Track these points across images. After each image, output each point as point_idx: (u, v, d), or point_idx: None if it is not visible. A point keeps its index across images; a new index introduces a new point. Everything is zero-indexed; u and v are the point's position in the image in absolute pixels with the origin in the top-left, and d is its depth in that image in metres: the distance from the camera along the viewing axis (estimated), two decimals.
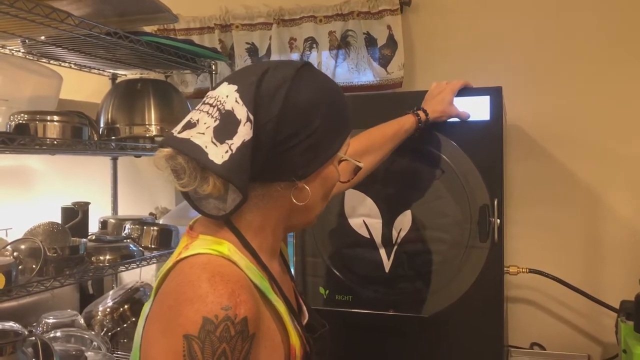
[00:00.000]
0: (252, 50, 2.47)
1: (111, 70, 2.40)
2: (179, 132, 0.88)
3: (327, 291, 1.85)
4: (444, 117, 1.69)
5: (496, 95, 1.71)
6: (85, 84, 2.44)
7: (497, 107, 1.70)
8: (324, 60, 2.35)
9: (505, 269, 1.86)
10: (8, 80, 1.80)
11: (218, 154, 0.84)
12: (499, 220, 1.68)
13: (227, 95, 0.88)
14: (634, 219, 2.09)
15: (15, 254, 1.56)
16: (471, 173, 1.71)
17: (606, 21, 2.12)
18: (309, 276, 1.88)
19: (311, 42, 2.37)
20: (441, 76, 2.25)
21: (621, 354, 1.73)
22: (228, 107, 0.87)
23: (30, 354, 1.45)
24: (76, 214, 2.06)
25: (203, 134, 0.86)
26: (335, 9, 2.32)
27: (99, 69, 2.35)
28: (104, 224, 2.24)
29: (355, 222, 1.81)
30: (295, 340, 0.92)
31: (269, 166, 0.89)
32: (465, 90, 1.75)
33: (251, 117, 0.86)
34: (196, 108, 0.91)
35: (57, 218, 2.13)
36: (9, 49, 1.95)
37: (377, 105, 1.87)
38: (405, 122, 1.58)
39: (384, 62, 2.28)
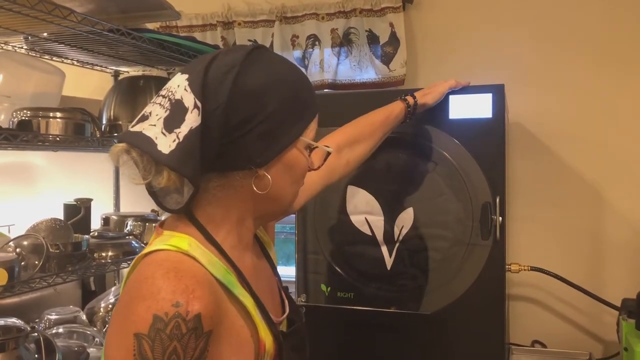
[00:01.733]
0: None
1: (114, 67, 2.40)
2: (133, 126, 0.87)
3: (329, 288, 1.85)
4: (434, 96, 1.64)
5: (498, 92, 1.71)
6: (87, 81, 2.45)
7: (499, 105, 1.70)
8: (326, 57, 2.35)
9: (507, 266, 1.86)
10: (11, 76, 1.80)
11: (166, 144, 0.82)
12: (500, 218, 1.68)
13: (179, 84, 0.86)
14: (636, 217, 2.09)
15: (17, 250, 1.56)
16: (473, 170, 1.71)
17: (609, 19, 2.11)
18: (311, 273, 1.88)
19: (313, 40, 2.37)
20: (443, 73, 2.26)
21: (622, 352, 1.73)
22: (177, 96, 0.85)
23: (32, 349, 1.46)
24: (78, 211, 2.06)
25: (154, 125, 0.84)
26: (338, 6, 2.32)
27: (101, 66, 2.35)
28: (106, 220, 2.24)
29: (357, 219, 1.81)
30: (264, 334, 0.89)
31: (224, 155, 0.86)
32: (467, 88, 1.75)
33: (199, 104, 0.83)
34: (151, 101, 0.89)
35: (60, 214, 2.14)
36: (11, 46, 1.95)
37: (379, 103, 1.87)
38: (395, 108, 1.55)
39: (386, 59, 2.28)
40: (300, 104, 0.92)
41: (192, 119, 0.82)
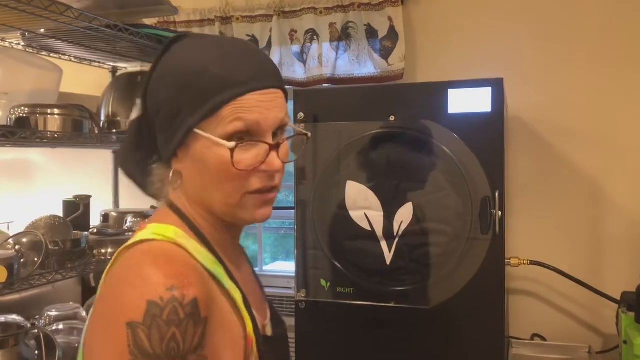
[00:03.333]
0: (253, 42, 2.46)
1: (111, 63, 2.39)
2: None
3: (329, 283, 1.85)
4: None
5: (498, 86, 1.71)
6: (85, 77, 2.44)
7: (498, 99, 1.70)
8: (324, 52, 2.34)
9: (507, 260, 1.86)
10: (8, 73, 1.79)
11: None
12: (500, 212, 1.68)
13: None
14: (635, 211, 2.09)
15: (17, 247, 1.56)
16: (472, 165, 1.71)
17: (610, 13, 2.11)
18: (311, 268, 1.88)
19: (312, 34, 2.36)
20: (442, 67, 2.26)
21: (621, 344, 1.74)
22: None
23: (33, 346, 1.46)
24: (77, 208, 2.06)
25: None
26: (336, 0, 2.31)
27: (99, 62, 2.34)
28: (105, 217, 2.24)
29: (357, 215, 1.81)
30: (251, 331, 0.83)
31: (156, 146, 0.85)
32: (466, 82, 1.75)
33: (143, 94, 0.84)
34: None
35: (59, 211, 2.13)
36: (8, 42, 1.94)
37: (378, 98, 1.87)
38: None
39: (385, 53, 2.27)
40: (198, 93, 0.78)
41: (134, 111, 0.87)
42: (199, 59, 0.80)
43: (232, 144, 0.77)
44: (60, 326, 1.77)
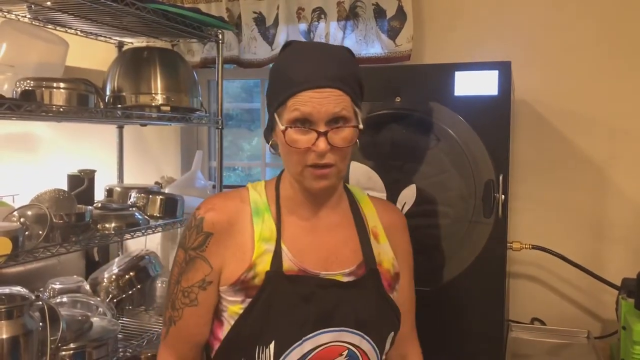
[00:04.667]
0: (260, 20, 2.44)
1: (118, 38, 2.38)
2: None
3: None
4: None
5: (505, 70, 1.69)
6: (91, 52, 2.43)
7: (505, 82, 1.69)
8: (332, 31, 2.33)
9: (509, 244, 1.87)
10: (14, 46, 1.78)
11: None
12: (503, 196, 1.68)
13: None
14: (638, 197, 2.09)
15: (22, 220, 1.57)
16: (477, 148, 1.70)
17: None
18: None
19: (319, 13, 2.34)
20: (450, 49, 2.24)
21: (620, 330, 1.75)
22: None
23: (37, 318, 1.48)
24: (82, 182, 2.07)
25: None
26: None
27: (105, 37, 2.33)
28: (109, 192, 2.25)
29: None
30: (254, 257, 1.11)
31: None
32: (473, 65, 1.73)
33: None
34: None
35: (63, 185, 2.14)
36: (14, 14, 1.93)
37: (385, 78, 1.86)
38: None
39: (393, 34, 2.25)
40: (278, 89, 1.10)
41: None
42: (283, 63, 1.12)
43: (284, 127, 1.07)
44: (64, 299, 1.79)
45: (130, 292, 2.00)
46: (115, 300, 1.96)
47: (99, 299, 1.91)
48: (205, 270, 1.13)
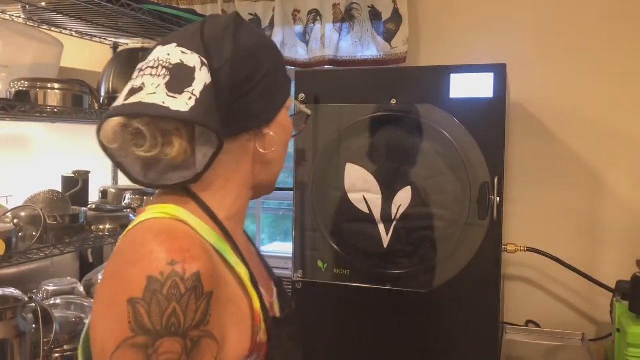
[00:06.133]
0: (255, 22, 2.44)
1: (113, 39, 2.37)
2: (126, 100, 0.81)
3: (326, 265, 1.86)
4: None
5: (500, 72, 1.70)
6: (86, 53, 2.42)
7: (500, 85, 1.69)
8: (327, 33, 2.33)
9: (504, 247, 1.87)
10: (8, 46, 1.77)
11: (181, 103, 0.77)
12: (498, 199, 1.68)
13: (168, 53, 0.82)
14: (633, 200, 2.09)
15: (15, 221, 1.56)
16: (472, 150, 1.71)
17: (613, 2, 2.09)
18: (308, 250, 1.89)
19: (315, 15, 2.34)
20: (445, 52, 2.25)
21: (615, 333, 1.75)
22: (175, 61, 0.81)
23: (30, 320, 1.47)
24: (76, 183, 2.06)
25: (154, 93, 0.79)
26: None
27: (100, 38, 2.32)
28: (104, 193, 2.24)
29: (355, 197, 1.81)
30: (258, 307, 0.84)
31: (231, 118, 0.83)
32: (469, 67, 1.74)
33: (205, 61, 0.81)
34: (132, 77, 0.84)
35: (58, 186, 2.13)
36: (9, 15, 1.93)
37: (380, 80, 1.86)
38: None
39: (388, 36, 2.26)
40: (284, 67, 0.94)
41: (203, 76, 0.80)
42: (271, 39, 0.97)
43: (309, 111, 0.99)
44: (58, 300, 1.78)
45: None
46: None
47: (93, 300, 1.90)
48: (213, 351, 0.74)
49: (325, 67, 2.34)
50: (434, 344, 1.78)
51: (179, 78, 0.80)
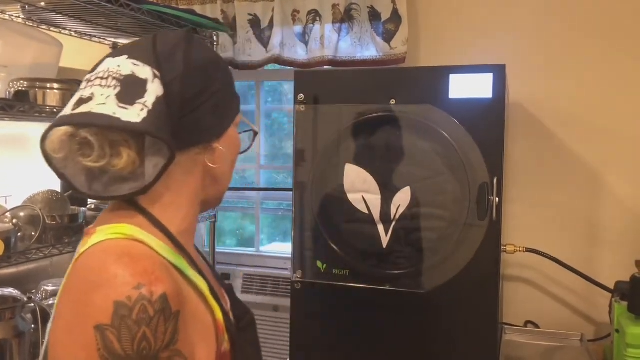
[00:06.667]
0: (255, 22, 2.44)
1: (112, 39, 2.37)
2: (74, 109, 0.80)
3: (325, 265, 1.86)
4: None
5: (500, 73, 1.70)
6: (85, 53, 2.42)
7: (500, 85, 1.69)
8: (327, 33, 2.33)
9: (503, 247, 1.87)
10: (8, 46, 1.78)
11: (133, 114, 0.76)
12: (497, 199, 1.68)
13: (119, 64, 0.82)
14: (632, 201, 2.09)
15: (14, 221, 1.56)
16: (472, 151, 1.71)
17: (613, 2, 2.09)
18: (307, 250, 1.89)
19: (314, 15, 2.34)
20: (445, 52, 2.25)
21: (614, 333, 1.75)
22: (125, 72, 0.80)
23: (29, 320, 1.47)
24: None
25: (104, 104, 0.78)
26: None
27: (99, 38, 2.32)
28: None
29: (354, 197, 1.81)
30: (220, 317, 0.85)
31: (181, 131, 0.82)
32: (468, 67, 1.74)
33: (157, 73, 0.81)
34: (81, 88, 0.84)
35: (57, 187, 2.13)
36: (8, 15, 1.93)
37: (379, 80, 1.86)
38: None
39: (388, 37, 2.26)
40: (234, 84, 0.95)
41: (155, 88, 0.79)
42: (228, 69, 0.95)
43: (257, 129, 0.92)
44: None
45: None
46: None
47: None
48: None
49: (325, 67, 2.34)
50: (433, 344, 1.78)
51: (130, 89, 0.79)
